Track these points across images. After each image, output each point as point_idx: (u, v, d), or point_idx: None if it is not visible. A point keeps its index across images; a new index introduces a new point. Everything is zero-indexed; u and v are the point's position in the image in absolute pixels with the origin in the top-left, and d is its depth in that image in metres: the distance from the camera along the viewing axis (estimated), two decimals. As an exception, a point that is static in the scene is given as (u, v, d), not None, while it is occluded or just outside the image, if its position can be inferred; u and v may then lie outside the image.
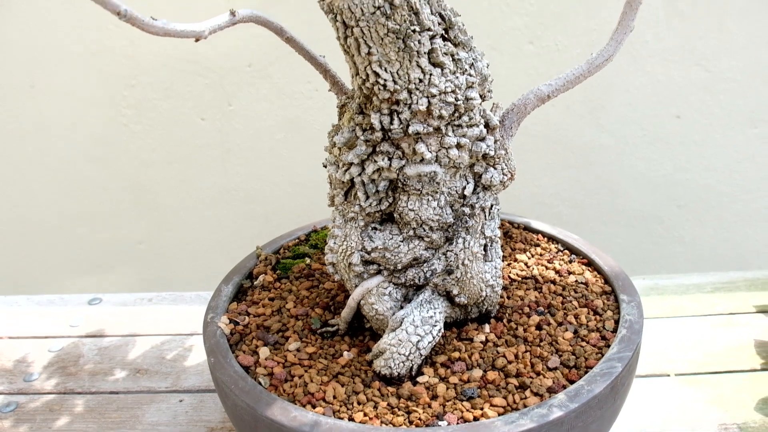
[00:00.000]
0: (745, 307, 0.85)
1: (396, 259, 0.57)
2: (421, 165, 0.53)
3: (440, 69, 0.50)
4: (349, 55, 0.50)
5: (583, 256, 0.70)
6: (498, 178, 0.56)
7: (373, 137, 0.52)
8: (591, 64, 0.54)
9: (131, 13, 0.41)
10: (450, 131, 0.52)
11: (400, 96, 0.50)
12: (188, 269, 1.30)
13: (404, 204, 0.55)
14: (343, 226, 0.57)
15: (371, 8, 0.46)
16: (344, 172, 0.55)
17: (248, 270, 0.70)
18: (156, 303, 0.93)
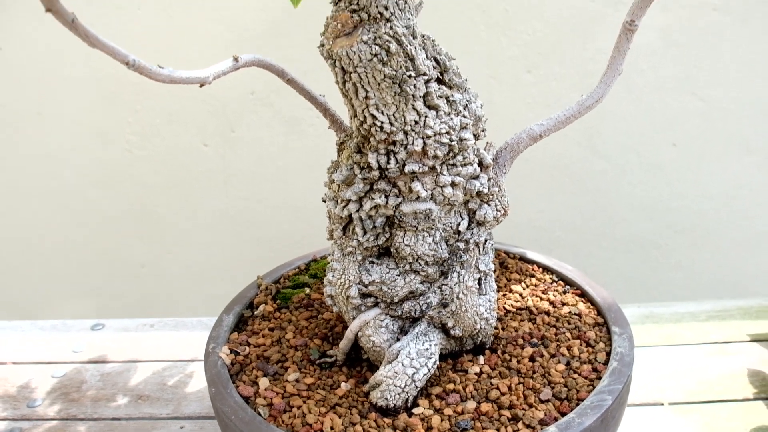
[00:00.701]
0: (739, 335, 0.87)
1: (393, 293, 0.58)
2: (417, 203, 0.55)
3: (435, 111, 0.53)
4: (347, 98, 0.52)
5: (577, 287, 0.72)
6: (492, 214, 0.58)
7: (370, 176, 0.55)
8: (581, 105, 0.56)
9: (139, 63, 0.44)
10: (445, 170, 0.54)
11: (397, 137, 0.52)
12: (190, 292, 1.32)
13: (401, 239, 0.57)
14: (341, 259, 0.59)
15: (368, 55, 0.48)
16: (343, 208, 0.57)
17: (249, 299, 0.72)
18: (158, 329, 0.95)
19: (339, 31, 0.49)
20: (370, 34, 0.48)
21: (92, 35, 0.41)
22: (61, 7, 0.39)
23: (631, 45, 0.56)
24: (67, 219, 1.26)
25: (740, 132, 1.17)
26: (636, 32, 0.53)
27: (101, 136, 1.20)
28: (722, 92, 1.14)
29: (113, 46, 0.42)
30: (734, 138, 1.17)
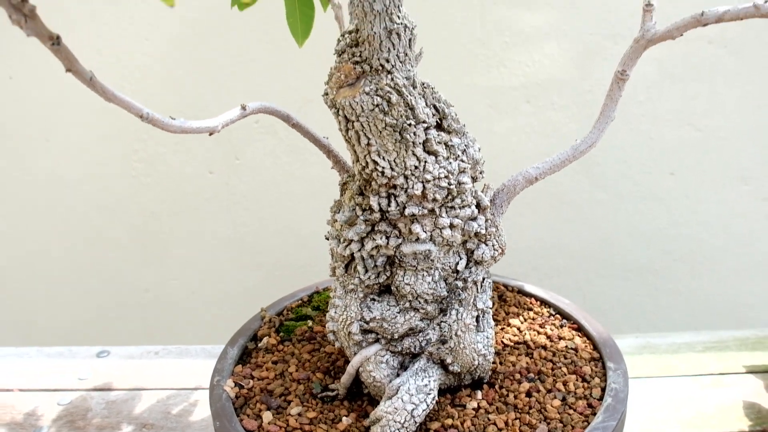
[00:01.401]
0: (735, 367, 0.88)
1: (393, 329, 0.60)
2: (417, 244, 0.57)
3: (434, 156, 0.55)
4: (350, 144, 0.55)
5: (573, 321, 0.74)
6: (489, 253, 0.60)
7: (371, 217, 0.57)
8: (575, 149, 0.59)
9: (152, 116, 0.46)
10: (443, 213, 0.57)
11: (397, 181, 0.55)
12: (193, 316, 1.34)
13: (401, 278, 0.59)
14: (343, 296, 0.61)
15: (370, 105, 0.51)
16: (345, 247, 0.59)
17: (253, 332, 0.74)
18: (162, 356, 0.97)
19: (342, 82, 0.52)
20: (372, 85, 0.51)
21: (109, 91, 0.44)
22: (80, 67, 0.41)
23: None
24: (73, 244, 1.28)
25: (737, 162, 1.19)
26: (627, 81, 0.56)
27: (108, 163, 1.22)
28: (718, 123, 1.17)
29: (128, 101, 0.45)
30: (731, 167, 1.20)
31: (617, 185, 1.22)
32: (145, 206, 1.25)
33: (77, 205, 1.25)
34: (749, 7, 0.48)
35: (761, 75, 1.13)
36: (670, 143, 1.18)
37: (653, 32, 0.53)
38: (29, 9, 0.37)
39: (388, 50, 0.51)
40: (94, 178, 1.23)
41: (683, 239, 1.25)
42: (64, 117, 1.19)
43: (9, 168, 1.23)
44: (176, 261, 1.29)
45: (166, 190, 1.24)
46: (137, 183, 1.23)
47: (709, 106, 1.16)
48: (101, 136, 1.20)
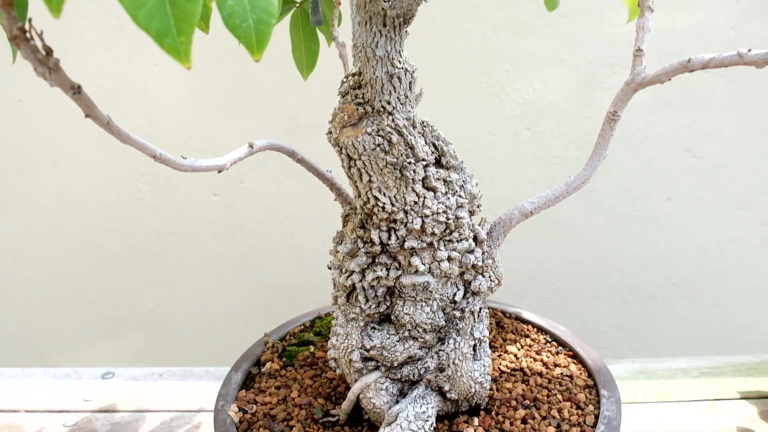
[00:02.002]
0: (730, 393, 0.90)
1: (392, 357, 0.63)
2: (416, 276, 0.59)
3: (433, 192, 0.58)
4: (352, 180, 0.57)
5: (569, 348, 0.76)
6: (486, 285, 0.62)
7: (372, 250, 0.59)
8: (569, 186, 0.61)
9: (165, 156, 0.49)
10: (442, 246, 0.59)
11: (397, 216, 0.57)
12: (196, 336, 1.36)
13: (400, 308, 0.62)
14: (345, 325, 0.64)
15: (372, 145, 0.54)
16: (347, 278, 0.62)
17: (256, 357, 0.76)
18: (166, 378, 0.99)
19: (345, 122, 0.55)
20: (374, 126, 0.54)
21: (124, 134, 0.47)
22: (98, 113, 0.44)
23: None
24: (79, 264, 1.31)
25: (733, 187, 1.22)
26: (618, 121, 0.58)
27: (114, 185, 1.25)
28: (714, 149, 1.19)
29: (142, 142, 0.48)
30: (727, 193, 1.22)
31: (615, 210, 1.24)
32: (151, 227, 1.28)
33: (83, 225, 1.28)
34: (734, 55, 0.51)
35: (756, 103, 1.16)
36: (667, 169, 1.21)
37: (643, 76, 0.56)
38: (53, 62, 0.39)
39: (390, 93, 0.53)
40: (100, 199, 1.26)
41: (681, 263, 1.27)
42: (72, 139, 1.23)
43: (17, 188, 1.26)
44: (180, 282, 1.32)
45: (172, 212, 1.27)
46: (143, 205, 1.26)
47: (705, 133, 1.19)
48: (108, 158, 1.23)
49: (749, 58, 0.50)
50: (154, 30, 0.33)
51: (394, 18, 0.50)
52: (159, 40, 0.33)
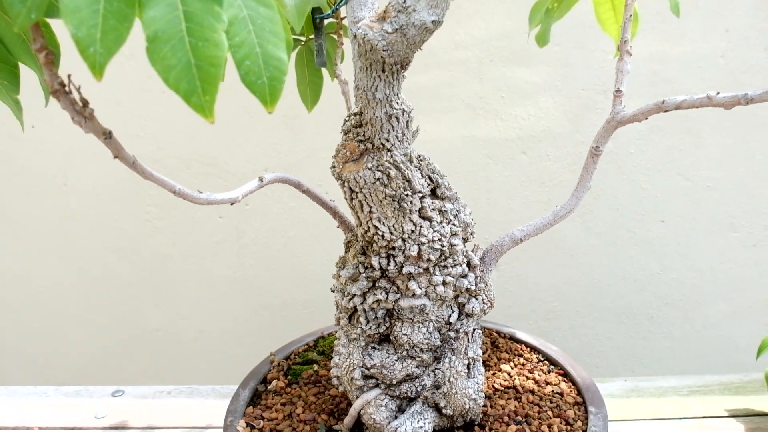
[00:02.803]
0: (718, 410, 0.95)
1: (392, 375, 0.68)
2: (413, 299, 0.65)
3: (429, 222, 0.63)
4: (354, 211, 0.63)
5: (560, 367, 0.81)
6: (479, 307, 0.68)
7: (373, 274, 0.65)
8: (556, 215, 0.67)
9: (183, 191, 0.54)
10: (437, 271, 0.65)
11: (396, 244, 0.63)
12: (202, 355, 1.41)
13: (399, 329, 0.67)
14: (347, 344, 0.69)
15: (372, 179, 0.59)
16: (349, 301, 0.67)
17: (263, 375, 0.82)
18: (174, 396, 1.04)
19: (347, 158, 0.60)
20: (374, 161, 0.59)
21: (147, 172, 0.52)
22: (125, 154, 0.50)
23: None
24: (87, 285, 1.36)
25: (725, 210, 1.27)
26: (600, 156, 0.64)
27: (123, 207, 1.31)
28: (706, 173, 1.25)
29: (163, 179, 0.53)
30: (719, 215, 1.27)
31: (611, 232, 1.30)
32: (158, 249, 1.33)
33: (92, 246, 1.34)
34: (703, 97, 0.57)
35: (746, 128, 1.22)
36: (660, 192, 1.27)
37: (622, 115, 0.62)
38: (89, 112, 0.45)
39: (388, 131, 0.59)
40: (109, 220, 1.32)
41: (675, 284, 1.32)
42: (82, 162, 1.29)
43: (28, 210, 1.32)
44: (186, 302, 1.37)
45: (178, 234, 1.32)
46: (151, 226, 1.32)
47: (697, 157, 1.24)
48: (116, 180, 1.29)
49: (717, 100, 0.56)
50: (182, 90, 0.39)
51: (392, 65, 0.56)
52: (186, 98, 0.39)
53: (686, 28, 1.17)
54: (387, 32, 0.53)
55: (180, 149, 1.26)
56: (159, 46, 0.38)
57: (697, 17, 1.16)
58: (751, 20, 1.16)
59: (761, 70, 1.18)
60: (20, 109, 0.58)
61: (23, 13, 0.38)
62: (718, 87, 1.18)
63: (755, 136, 1.22)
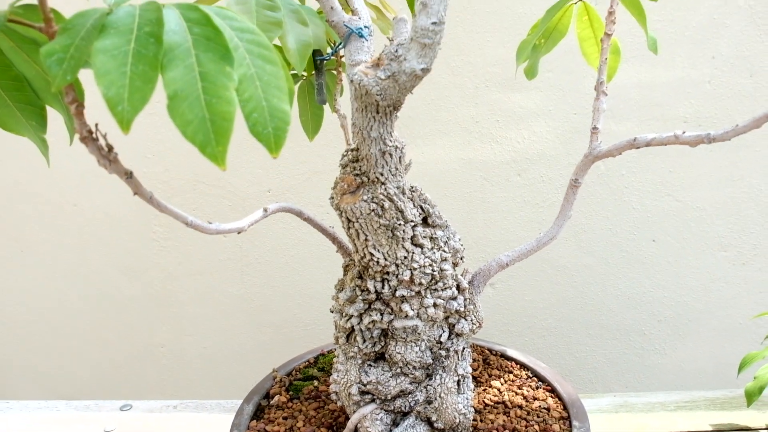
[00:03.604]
0: (703, 425, 1.01)
1: (386, 391, 0.74)
2: (406, 320, 0.71)
3: (420, 248, 0.69)
4: (351, 239, 0.69)
5: (548, 384, 0.87)
6: (468, 327, 0.74)
7: (368, 297, 0.71)
8: (539, 242, 0.73)
9: (195, 222, 0.61)
10: (428, 294, 0.71)
11: (390, 269, 0.69)
12: (205, 371, 1.47)
13: (393, 348, 0.73)
14: (344, 362, 0.75)
15: (367, 210, 0.66)
16: (346, 321, 0.73)
17: (266, 390, 0.88)
18: (180, 410, 1.10)
19: (345, 190, 0.67)
20: (369, 194, 0.66)
21: (162, 205, 0.59)
22: (143, 190, 0.56)
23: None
24: (95, 302, 1.43)
25: (714, 230, 1.33)
26: (580, 187, 0.70)
27: (130, 228, 1.38)
28: (696, 194, 1.31)
29: (176, 212, 0.60)
30: (709, 235, 1.33)
31: (604, 251, 1.36)
32: (164, 267, 1.40)
33: (101, 265, 1.40)
34: (671, 135, 0.63)
35: (733, 151, 1.28)
36: (651, 213, 1.33)
37: (598, 150, 0.68)
38: (113, 156, 0.52)
39: (382, 166, 0.65)
40: (116, 240, 1.39)
41: (667, 302, 1.38)
42: (92, 184, 1.35)
43: (39, 230, 1.39)
44: (190, 319, 1.43)
45: (183, 253, 1.39)
46: (157, 246, 1.38)
47: (687, 179, 1.30)
48: (125, 201, 1.36)
49: (683, 138, 0.62)
50: (198, 142, 0.45)
51: (385, 107, 0.62)
52: (202, 149, 0.45)
53: (675, 55, 1.24)
54: (380, 78, 0.60)
55: (186, 170, 1.33)
56: (178, 103, 0.45)
57: (685, 45, 1.23)
58: (736, 48, 1.23)
59: (746, 95, 1.24)
60: (46, 147, 0.64)
61: (60, 75, 0.45)
62: (705, 111, 1.25)
63: (742, 159, 1.28)
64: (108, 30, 0.45)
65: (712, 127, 1.26)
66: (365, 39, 0.67)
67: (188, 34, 0.47)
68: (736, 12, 1.21)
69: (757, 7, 1.21)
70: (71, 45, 0.45)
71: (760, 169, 1.29)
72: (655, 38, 0.81)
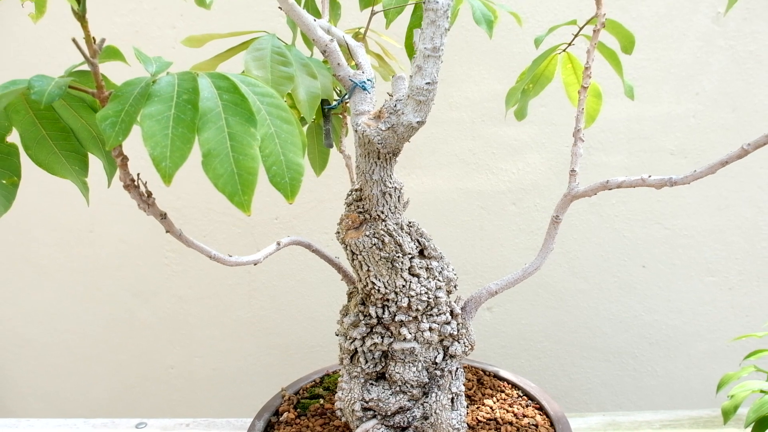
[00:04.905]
0: (686, 442, 1.09)
1: (387, 408, 0.83)
2: (404, 342, 0.80)
3: (417, 278, 0.79)
4: (354, 269, 0.79)
5: (537, 402, 0.96)
6: (461, 349, 0.83)
7: (370, 322, 0.80)
8: (525, 272, 0.82)
9: (218, 256, 0.70)
10: (424, 319, 0.80)
11: (389, 296, 0.78)
12: (216, 392, 1.56)
13: (393, 368, 0.82)
14: (348, 381, 0.84)
15: (370, 244, 0.75)
16: (350, 344, 0.83)
17: (275, 408, 0.97)
18: (192, 428, 1.19)
19: (350, 226, 0.76)
20: (371, 230, 0.75)
21: (190, 241, 0.68)
22: (174, 229, 0.66)
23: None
24: (111, 326, 1.52)
25: (702, 256, 1.42)
26: (560, 223, 0.80)
27: (143, 253, 1.47)
28: (684, 222, 1.40)
29: (202, 246, 0.69)
30: (697, 261, 1.43)
31: (597, 277, 1.45)
32: (175, 292, 1.49)
33: (115, 290, 1.50)
34: (638, 179, 0.73)
35: (718, 180, 1.37)
36: (641, 239, 1.42)
37: (576, 191, 0.78)
38: (151, 201, 0.62)
39: (383, 205, 0.75)
40: (130, 265, 1.48)
41: (657, 325, 1.47)
42: (107, 212, 1.45)
43: (56, 255, 1.49)
44: (200, 341, 1.53)
45: (194, 278, 1.48)
46: (169, 270, 1.48)
47: (674, 208, 1.40)
48: (138, 228, 1.46)
49: (649, 182, 0.72)
50: (228, 192, 0.55)
51: (385, 154, 0.72)
52: (230, 198, 0.55)
53: (661, 91, 1.34)
54: (381, 129, 0.70)
55: (198, 199, 1.43)
56: (211, 159, 0.55)
57: (670, 82, 1.33)
58: (719, 85, 1.33)
59: (729, 129, 1.34)
60: (87, 189, 0.74)
61: (113, 136, 0.55)
62: (691, 144, 1.35)
63: (728, 188, 1.38)
64: (152, 98, 0.55)
65: (697, 158, 1.36)
66: (368, 91, 0.77)
67: (219, 100, 0.57)
68: (718, 51, 1.32)
69: (737, 46, 1.31)
70: (122, 110, 0.55)
71: (745, 198, 1.39)
72: (631, 86, 0.91)
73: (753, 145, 0.65)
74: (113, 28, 1.32)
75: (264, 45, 0.75)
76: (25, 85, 0.57)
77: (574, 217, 1.42)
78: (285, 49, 0.74)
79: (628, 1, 1.30)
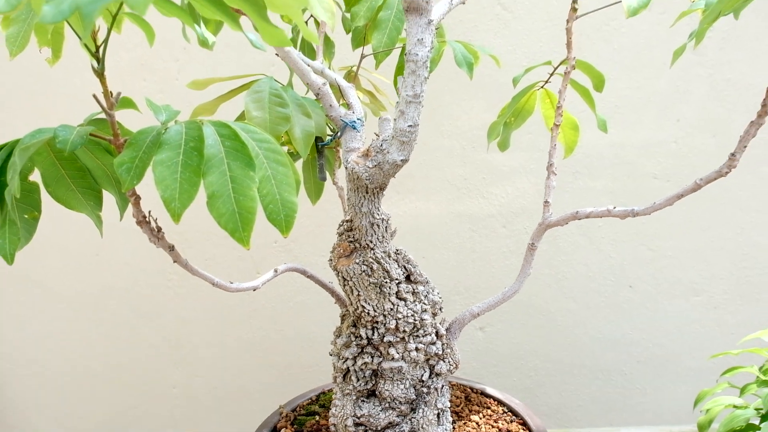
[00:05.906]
0: (666, 456, 1.16)
1: (377, 423, 0.91)
2: (392, 362, 0.88)
3: (404, 301, 0.87)
4: (346, 294, 0.87)
5: (520, 417, 1.04)
6: (446, 368, 0.91)
7: (361, 342, 0.88)
8: (504, 295, 0.90)
9: (219, 282, 0.79)
10: (411, 340, 0.88)
11: (378, 319, 0.86)
12: (216, 410, 1.64)
13: (382, 385, 0.90)
14: (341, 398, 0.92)
15: (359, 271, 0.83)
16: (343, 363, 0.91)
17: (273, 424, 1.04)
18: (195, 444, 1.26)
19: (341, 254, 0.85)
20: (361, 258, 0.83)
21: (194, 269, 0.77)
22: (181, 259, 0.74)
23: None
24: (115, 346, 1.60)
25: (686, 276, 1.50)
26: (536, 250, 0.88)
27: (147, 276, 1.56)
28: (668, 243, 1.48)
29: (205, 275, 0.78)
30: (682, 281, 1.51)
31: (585, 296, 1.53)
32: (178, 313, 1.57)
33: (120, 311, 1.58)
34: (605, 210, 0.81)
35: (701, 202, 1.45)
36: (627, 260, 1.50)
37: (549, 220, 0.86)
38: (161, 235, 0.70)
39: (372, 235, 0.83)
40: (134, 287, 1.57)
41: (645, 343, 1.54)
42: (113, 237, 1.54)
43: (63, 278, 1.57)
44: (202, 361, 1.60)
45: (197, 300, 1.57)
46: (172, 293, 1.56)
47: (658, 229, 1.48)
48: (143, 252, 1.54)
49: (614, 213, 0.80)
50: (229, 229, 0.63)
51: (373, 189, 0.80)
52: (232, 234, 0.63)
53: (643, 118, 1.43)
54: (369, 167, 0.78)
55: (199, 223, 1.51)
56: (215, 200, 0.63)
57: (652, 109, 1.42)
58: (699, 112, 1.41)
59: (709, 154, 1.43)
60: (101, 222, 0.82)
61: (129, 180, 0.63)
62: (672, 168, 1.43)
63: (710, 210, 1.46)
64: (163, 146, 0.63)
65: (679, 182, 1.45)
66: (357, 130, 0.86)
67: (221, 147, 0.65)
68: (697, 79, 1.40)
69: (716, 75, 1.40)
70: (136, 157, 0.64)
71: (727, 219, 1.47)
72: (604, 119, 0.99)
73: (705, 180, 0.73)
74: (120, 62, 1.41)
75: (263, 87, 0.83)
76: (50, 135, 0.65)
77: (563, 239, 1.50)
78: (282, 90, 0.83)
79: (611, 33, 1.39)
